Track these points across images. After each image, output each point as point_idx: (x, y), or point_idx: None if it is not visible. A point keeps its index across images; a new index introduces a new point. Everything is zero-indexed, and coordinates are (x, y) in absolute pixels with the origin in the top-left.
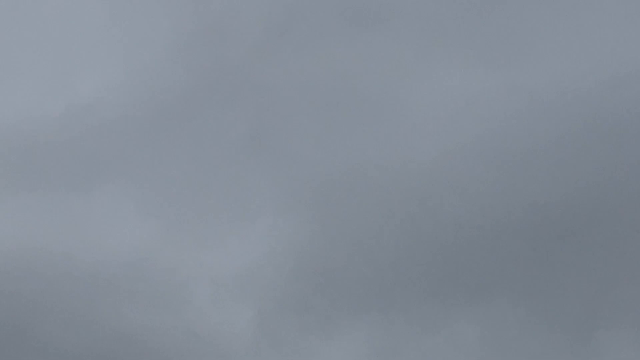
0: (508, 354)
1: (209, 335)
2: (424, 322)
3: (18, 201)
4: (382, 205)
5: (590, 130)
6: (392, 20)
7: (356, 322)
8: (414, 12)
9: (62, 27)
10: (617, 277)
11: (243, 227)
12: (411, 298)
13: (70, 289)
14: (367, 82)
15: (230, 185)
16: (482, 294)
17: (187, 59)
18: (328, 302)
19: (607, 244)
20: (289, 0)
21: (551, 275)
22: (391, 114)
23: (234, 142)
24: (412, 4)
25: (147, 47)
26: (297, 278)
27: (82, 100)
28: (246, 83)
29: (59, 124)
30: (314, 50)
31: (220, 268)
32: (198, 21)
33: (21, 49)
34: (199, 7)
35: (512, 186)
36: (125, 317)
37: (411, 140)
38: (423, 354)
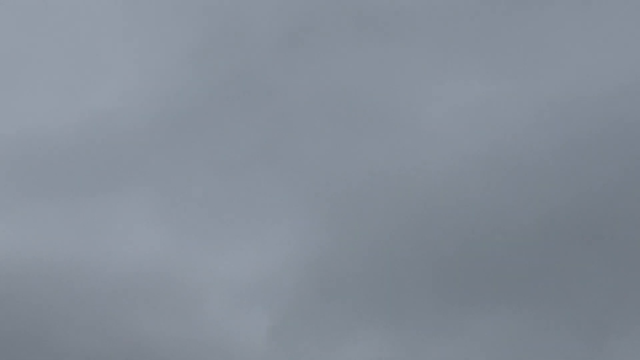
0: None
1: (223, 342)
2: (437, 328)
3: (36, 208)
4: (395, 213)
5: (603, 138)
6: (407, 31)
7: (369, 328)
8: (429, 23)
9: (81, 35)
10: (630, 283)
11: (257, 235)
12: (424, 304)
13: (87, 295)
14: (382, 91)
15: (246, 194)
16: (494, 301)
17: (204, 68)
18: (341, 309)
19: (620, 250)
20: (305, 10)
21: (564, 282)
22: (405, 122)
23: (250, 151)
24: (426, 16)
25: (164, 56)
26: (310, 285)
27: (100, 108)
28: (262, 91)
29: (77, 132)
30: (329, 60)
31: (235, 276)
32: (214, 31)
33: (40, 57)
34: (215, 17)
35: (524, 194)
36: (140, 323)
37: (425, 148)
38: (435, 359)
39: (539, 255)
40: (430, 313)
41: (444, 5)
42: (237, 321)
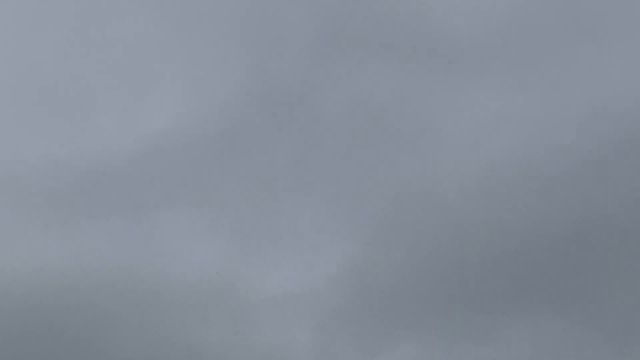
0: None
1: (269, 351)
2: (469, 335)
3: (95, 224)
4: (427, 227)
5: (625, 148)
6: (435, 49)
7: (406, 337)
8: (455, 40)
9: (133, 59)
10: None
11: (302, 250)
12: (461, 313)
13: (142, 305)
14: (411, 107)
15: (290, 210)
16: (523, 309)
17: (249, 91)
18: (380, 320)
19: None
20: (335, 31)
21: (590, 289)
22: (435, 137)
23: (293, 169)
24: (452, 34)
25: (211, 79)
26: (350, 298)
27: (152, 130)
28: (298, 110)
29: (133, 152)
30: (359, 81)
31: (281, 288)
32: (255, 53)
33: (95, 81)
34: (255, 41)
35: (551, 205)
36: (192, 332)
37: (453, 162)
38: None
39: (566, 264)
40: (468, 320)
41: (467, 22)
42: (282, 331)
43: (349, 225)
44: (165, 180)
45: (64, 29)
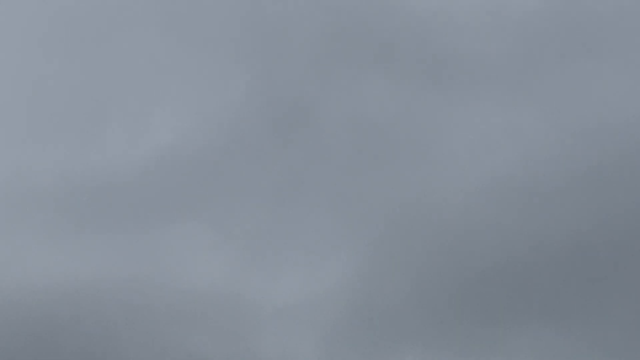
0: None
1: None
2: (479, 347)
3: (104, 237)
4: (430, 240)
5: (627, 162)
6: (438, 63)
7: (411, 349)
8: (455, 58)
9: (140, 71)
10: None
11: (306, 262)
12: (466, 325)
13: (148, 316)
14: (414, 121)
15: (294, 223)
16: (535, 321)
17: (254, 105)
18: (384, 332)
19: None
20: (339, 47)
21: (595, 303)
22: (436, 152)
23: (300, 184)
24: (452, 51)
25: (219, 93)
26: (355, 309)
27: (159, 144)
28: (303, 123)
29: (139, 166)
30: (363, 96)
31: (286, 300)
32: (259, 70)
33: (102, 94)
34: (259, 56)
35: (559, 217)
36: (198, 343)
37: (456, 177)
38: None
39: (570, 277)
40: (466, 333)
41: (470, 38)
42: (287, 342)
43: (352, 237)
44: (172, 193)
45: (73, 46)
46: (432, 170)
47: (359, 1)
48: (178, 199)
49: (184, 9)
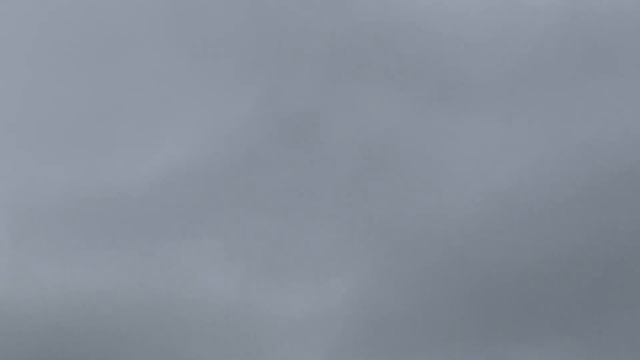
0: None
1: None
2: None
3: (113, 251)
4: (436, 254)
5: (629, 180)
6: (443, 84)
7: None
8: (460, 74)
9: (152, 87)
10: None
11: (314, 276)
12: (473, 340)
13: (158, 331)
14: (416, 139)
15: (303, 237)
16: (541, 337)
17: (263, 120)
18: (391, 344)
19: None
20: (346, 62)
21: (601, 316)
22: (441, 167)
23: (309, 198)
24: (457, 67)
25: (229, 108)
26: (362, 322)
27: (170, 160)
28: (312, 141)
29: (151, 181)
30: (369, 111)
31: (294, 313)
32: (267, 86)
33: (114, 110)
34: (267, 71)
35: (563, 233)
36: (208, 356)
37: (462, 192)
38: None
39: (575, 293)
40: (474, 348)
41: (474, 55)
42: (295, 355)
43: (361, 251)
44: (183, 208)
45: (83, 62)
46: (439, 184)
47: (368, 17)
48: (188, 214)
49: (194, 25)
